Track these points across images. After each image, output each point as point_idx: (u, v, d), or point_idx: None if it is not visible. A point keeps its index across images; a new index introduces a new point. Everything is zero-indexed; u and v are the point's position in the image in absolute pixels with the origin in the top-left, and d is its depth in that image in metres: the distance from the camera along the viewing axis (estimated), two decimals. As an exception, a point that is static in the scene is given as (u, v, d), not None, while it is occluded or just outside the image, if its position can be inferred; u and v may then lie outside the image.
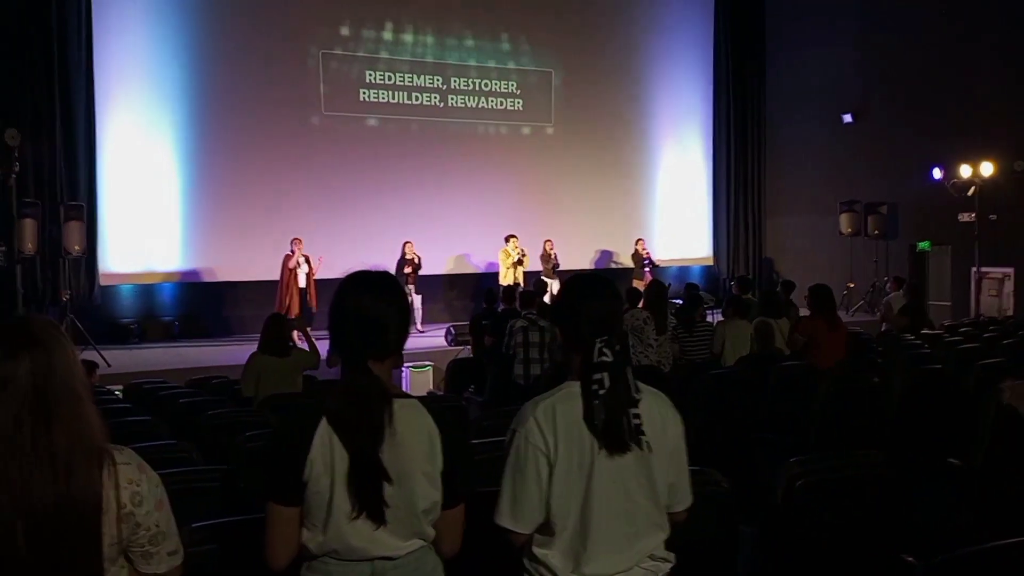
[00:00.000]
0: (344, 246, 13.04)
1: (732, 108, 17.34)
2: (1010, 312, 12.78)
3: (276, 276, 12.37)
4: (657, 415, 2.14)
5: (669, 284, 13.81)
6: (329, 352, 6.39)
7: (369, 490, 1.90)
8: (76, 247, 11.45)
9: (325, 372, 7.53)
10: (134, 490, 1.68)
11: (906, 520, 2.86)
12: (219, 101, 13.17)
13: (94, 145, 12.30)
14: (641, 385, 2.12)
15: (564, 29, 15.75)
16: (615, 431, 2.04)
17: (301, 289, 12.22)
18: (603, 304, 2.16)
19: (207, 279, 13.23)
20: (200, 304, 13.29)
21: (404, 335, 2.07)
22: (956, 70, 13.74)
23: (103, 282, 12.51)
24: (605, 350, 2.07)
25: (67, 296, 11.42)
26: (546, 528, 2.07)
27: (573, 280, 2.28)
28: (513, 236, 13.77)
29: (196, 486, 2.96)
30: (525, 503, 2.04)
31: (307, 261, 12.31)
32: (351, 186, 13.98)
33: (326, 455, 1.90)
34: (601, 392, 2.03)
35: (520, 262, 13.58)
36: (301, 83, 13.78)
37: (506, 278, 13.31)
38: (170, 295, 13.31)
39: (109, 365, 10.03)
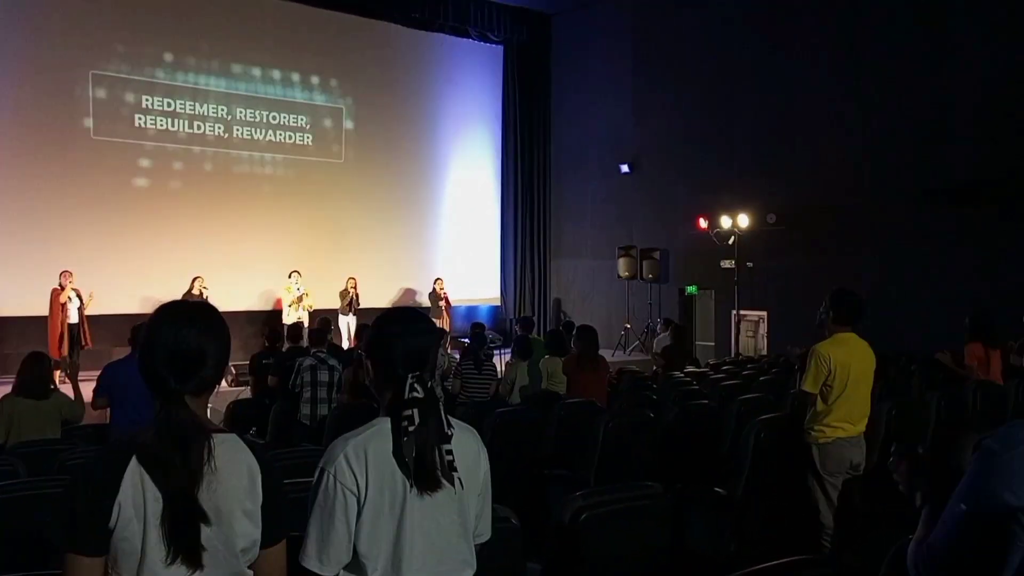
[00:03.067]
0: (120, 280, 12.18)
1: (520, 152, 18.03)
2: (764, 351, 13.96)
3: (39, 311, 11.32)
4: (470, 450, 2.14)
5: (454, 324, 14.05)
6: (95, 393, 5.90)
7: (185, 533, 1.76)
8: None
9: (91, 417, 6.92)
10: None
11: (681, 548, 3.01)
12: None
13: None
14: (453, 420, 2.11)
15: (357, 67, 15.74)
16: (426, 468, 2.01)
17: (71, 325, 11.26)
18: (418, 339, 2.14)
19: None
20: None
21: (223, 367, 1.96)
22: (719, 129, 15.02)
23: None
24: (416, 386, 2.05)
25: None
26: (355, 568, 2.01)
27: (388, 314, 2.23)
28: (296, 272, 13.46)
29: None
30: (332, 544, 1.98)
31: (78, 296, 11.38)
32: (128, 217, 13.11)
33: (136, 497, 1.75)
34: (411, 428, 2.00)
35: (300, 299, 13.28)
36: (69, 104, 12.78)
37: (289, 316, 12.93)
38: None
39: None
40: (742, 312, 14.58)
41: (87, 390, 6.32)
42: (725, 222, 14.30)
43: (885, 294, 11.57)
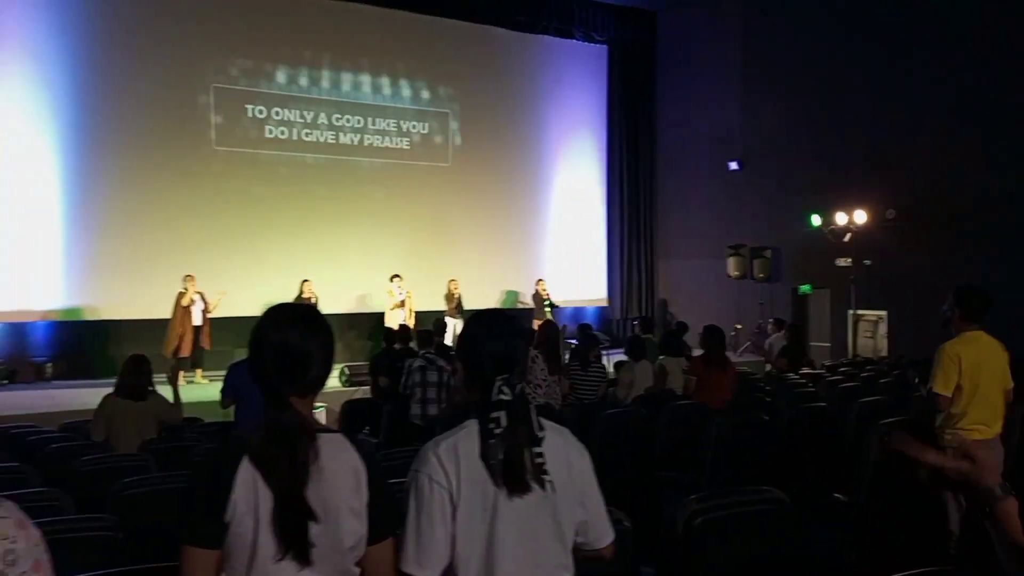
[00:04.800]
0: (237, 284, 12.66)
1: (626, 152, 17.87)
2: (884, 353, 13.40)
3: (161, 314, 11.89)
4: (562, 452, 2.11)
5: (564, 325, 14.03)
6: (222, 393, 6.15)
7: (295, 530, 1.81)
8: (-60, 282, 10.73)
9: (217, 415, 7.23)
10: (8, 547, 1.53)
11: (800, 556, 2.91)
12: (104, 131, 12.67)
13: (-37, 175, 11.62)
14: (545, 423, 2.09)
15: (462, 72, 15.93)
16: (514, 471, 2.00)
17: (195, 327, 11.78)
18: (505, 342, 2.13)
19: (86, 317, 12.59)
20: (77, 344, 12.61)
21: (328, 370, 2.00)
22: (833, 122, 14.50)
23: (-31, 320, 11.75)
24: (504, 388, 2.04)
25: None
26: (450, 572, 2.01)
27: (476, 317, 2.24)
28: (397, 276, 13.67)
29: (68, 536, 2.75)
30: (431, 546, 1.98)
31: (202, 298, 11.89)
32: (245, 222, 13.64)
33: (249, 495, 1.81)
34: (497, 431, 2.00)
35: (403, 302, 13.46)
36: (192, 116, 13.43)
37: (390, 319, 13.14)
38: (44, 334, 12.58)
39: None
40: (859, 312, 14.03)
41: (208, 390, 6.59)
42: (840, 218, 13.80)
43: (1013, 293, 10.91)
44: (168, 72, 13.14)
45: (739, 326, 15.77)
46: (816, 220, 14.29)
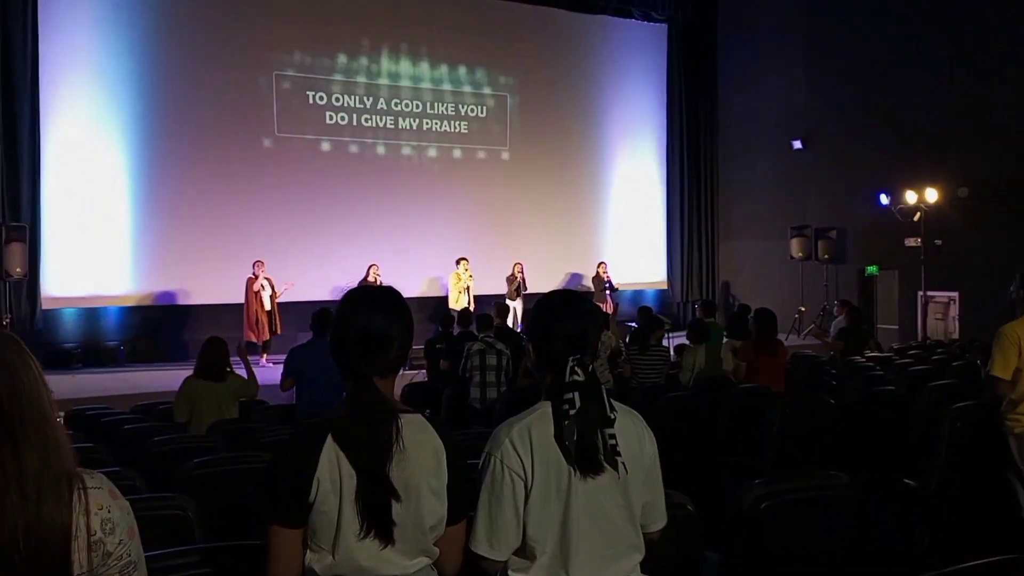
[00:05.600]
0: (303, 269, 12.89)
1: (686, 133, 17.62)
2: (956, 335, 13.02)
3: (229, 299, 12.22)
4: (633, 434, 2.11)
5: (617, 305, 13.96)
6: (283, 376, 6.27)
7: (377, 508, 1.85)
8: (17, 269, 11.13)
9: (279, 398, 7.38)
10: (104, 516, 1.57)
11: (869, 542, 2.85)
12: (170, 119, 12.97)
13: (38, 165, 12.01)
14: (616, 404, 2.08)
15: (520, 54, 15.87)
16: (588, 452, 1.99)
17: (267, 312, 12.07)
18: (577, 322, 2.11)
19: (157, 303, 12.96)
20: (148, 328, 12.99)
21: (407, 350, 2.02)
22: (902, 98, 14.08)
23: (45, 306, 12.16)
24: (577, 369, 2.03)
25: (7, 320, 11.08)
26: (523, 552, 2.02)
27: (548, 297, 2.23)
28: (464, 259, 13.71)
29: (140, 515, 2.83)
30: (502, 528, 1.99)
31: (270, 284, 12.17)
32: (308, 208, 13.84)
33: (334, 473, 1.85)
34: (572, 412, 1.99)
35: (468, 287, 13.51)
36: (254, 103, 13.65)
37: (457, 302, 13.21)
38: (116, 319, 12.98)
39: (51, 392, 9.67)
40: (929, 293, 13.64)
41: (273, 374, 6.70)
42: (910, 197, 13.41)
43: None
44: (231, 61, 13.38)
45: (803, 308, 15.48)
46: (884, 199, 13.91)
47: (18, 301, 11.69)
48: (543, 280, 14.70)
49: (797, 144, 16.02)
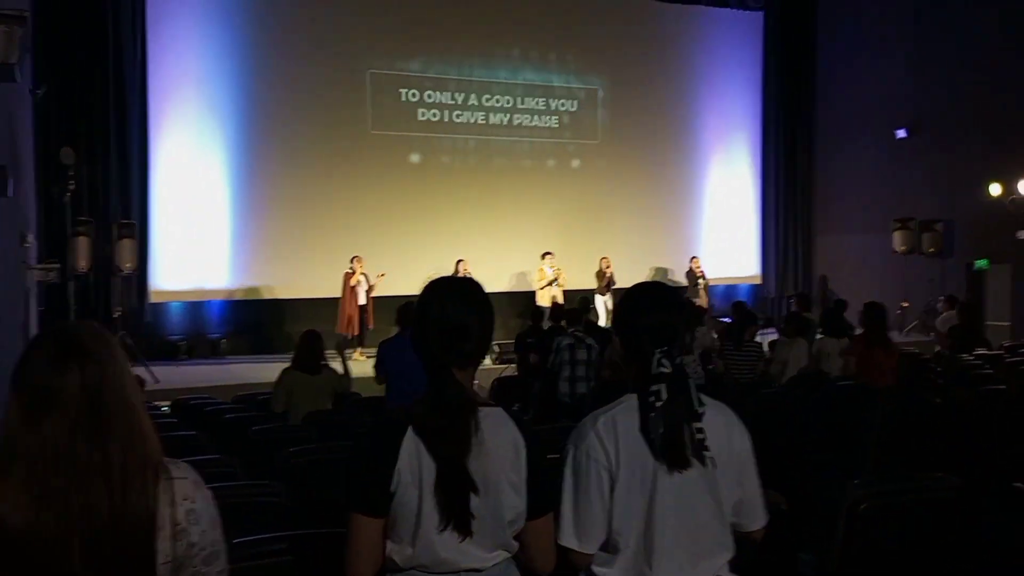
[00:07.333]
0: (394, 264, 13.09)
1: (781, 124, 17.15)
2: (1074, 333, 12.33)
3: (325, 294, 12.54)
4: (723, 429, 2.06)
5: (713, 303, 13.70)
6: (375, 370, 6.38)
7: (457, 501, 1.85)
8: (127, 264, 11.65)
9: (375, 390, 7.50)
10: (189, 507, 1.61)
11: (976, 548, 2.71)
12: (269, 119, 13.35)
13: (147, 164, 12.55)
14: (705, 398, 2.04)
15: (610, 47, 15.71)
16: (675, 445, 1.96)
17: (361, 307, 12.32)
18: (663, 314, 2.08)
19: (256, 296, 13.38)
20: (249, 321, 13.42)
21: (487, 342, 2.02)
22: (1014, 83, 13.38)
23: (153, 299, 12.71)
24: (664, 361, 2.00)
25: (118, 313, 11.61)
26: (608, 546, 2.00)
27: (635, 288, 2.21)
28: (549, 253, 13.67)
29: (238, 501, 2.92)
30: (589, 521, 1.98)
31: (366, 279, 12.44)
32: (401, 204, 14.04)
33: (414, 465, 1.87)
34: (658, 404, 1.96)
35: (551, 282, 13.45)
36: (350, 101, 13.92)
37: (542, 297, 13.18)
38: (218, 312, 13.45)
39: (158, 381, 10.13)
40: (1045, 288, 12.94)
41: (366, 367, 6.81)
42: (1023, 188, 12.74)
43: None
44: (326, 60, 13.68)
45: (906, 304, 14.88)
46: (995, 189, 13.25)
47: (128, 295, 12.24)
48: (632, 275, 14.51)
49: (901, 133, 15.40)
